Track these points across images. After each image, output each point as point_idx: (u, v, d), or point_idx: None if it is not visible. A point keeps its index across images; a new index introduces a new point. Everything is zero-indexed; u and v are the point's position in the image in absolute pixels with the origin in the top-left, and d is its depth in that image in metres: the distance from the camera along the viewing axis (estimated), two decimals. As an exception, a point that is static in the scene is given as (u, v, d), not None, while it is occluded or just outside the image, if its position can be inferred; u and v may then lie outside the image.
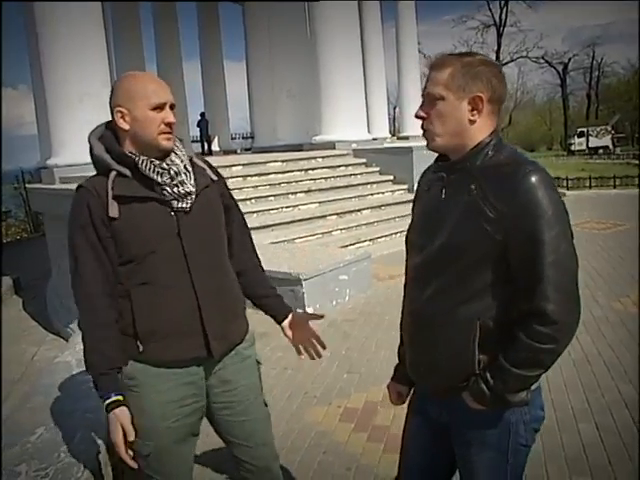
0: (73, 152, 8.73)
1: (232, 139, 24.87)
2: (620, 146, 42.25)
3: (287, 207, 9.32)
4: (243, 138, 22.27)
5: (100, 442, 2.63)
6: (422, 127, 1.74)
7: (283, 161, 10.78)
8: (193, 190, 2.01)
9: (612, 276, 6.95)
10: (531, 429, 1.72)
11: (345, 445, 3.43)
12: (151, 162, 1.95)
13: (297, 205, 9.46)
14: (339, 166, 11.41)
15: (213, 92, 22.57)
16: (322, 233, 8.95)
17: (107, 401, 1.92)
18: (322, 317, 2.37)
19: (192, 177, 2.03)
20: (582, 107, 62.03)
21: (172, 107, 1.98)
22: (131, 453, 1.94)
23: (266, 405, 2.30)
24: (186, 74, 20.87)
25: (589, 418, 3.56)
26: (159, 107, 1.93)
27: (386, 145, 13.36)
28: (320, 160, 11.40)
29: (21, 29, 12.63)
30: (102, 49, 9.24)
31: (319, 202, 9.86)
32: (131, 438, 1.93)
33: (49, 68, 8.91)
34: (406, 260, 1.88)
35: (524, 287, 1.56)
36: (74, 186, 6.69)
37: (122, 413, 1.93)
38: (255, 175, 9.97)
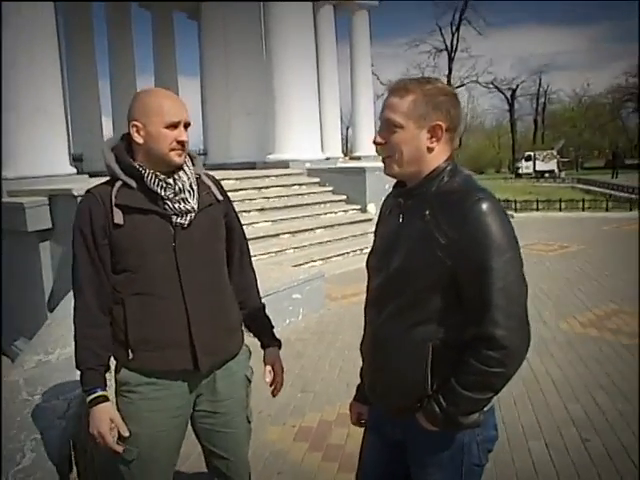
0: (23, 165, 8.55)
1: (199, 154, 24.64)
2: (565, 170, 43.42)
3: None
4: (196, 153, 22.13)
5: (50, 465, 2.55)
6: (378, 152, 1.78)
7: (237, 179, 10.75)
8: (194, 208, 2.07)
9: (559, 297, 7.13)
10: (484, 449, 1.76)
11: (300, 465, 3.42)
12: (156, 176, 2.01)
13: (250, 223, 9.42)
14: (293, 185, 11.44)
15: None
16: (275, 252, 8.93)
17: (92, 395, 2.01)
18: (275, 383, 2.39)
19: (196, 195, 2.09)
20: (529, 132, 63.60)
21: (187, 126, 2.04)
22: (116, 446, 2.01)
23: (249, 421, 2.34)
24: (139, 88, 20.66)
25: (539, 436, 3.63)
26: (173, 125, 1.99)
27: (339, 165, 13.45)
28: (274, 179, 11.40)
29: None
30: (55, 63, 9.09)
31: (272, 221, 9.86)
32: (126, 433, 2.02)
33: (2, 80, 8.71)
34: (367, 282, 1.91)
35: (474, 312, 1.60)
36: (22, 199, 6.53)
37: (110, 407, 2.02)
38: (209, 192, 9.84)
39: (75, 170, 9.34)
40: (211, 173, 2.30)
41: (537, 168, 42.63)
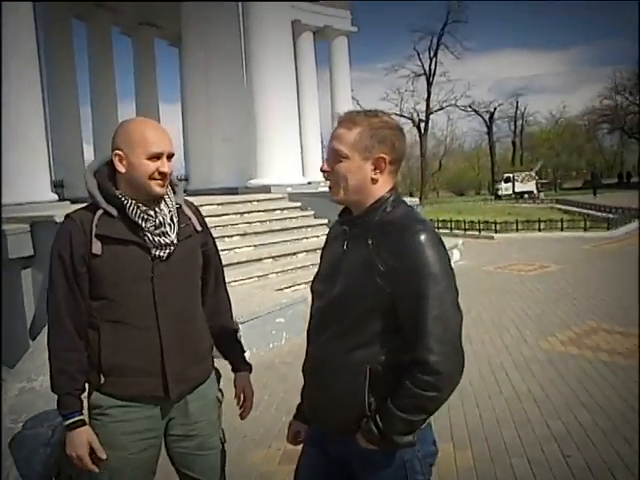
0: (4, 192, 8.46)
1: (179, 180, 24.62)
2: (544, 191, 43.94)
3: (223, 250, 9.20)
4: (177, 180, 22.11)
5: (95, 469, 2.54)
6: (326, 179, 1.85)
7: (219, 204, 10.77)
8: (174, 241, 2.09)
9: (540, 316, 7.22)
10: (427, 464, 1.81)
11: (285, 487, 3.43)
12: (138, 207, 2.03)
13: (233, 248, 9.43)
14: (274, 209, 11.47)
15: None
16: (258, 276, 8.94)
17: (70, 420, 2.01)
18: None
19: (176, 228, 2.11)
20: (508, 154, 64.46)
21: (170, 157, 2.06)
22: (94, 468, 2.01)
23: (222, 443, 2.34)
24: (121, 114, 20.68)
25: (521, 452, 3.68)
26: (156, 156, 2.01)
27: (321, 189, 13.53)
28: (255, 203, 11.44)
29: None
30: (36, 88, 9.06)
31: (255, 245, 9.86)
32: (103, 456, 2.02)
33: (1, 81, 8.69)
34: (310, 306, 1.97)
35: (410, 338, 1.66)
36: (4, 226, 6.43)
37: (88, 431, 2.03)
38: (191, 217, 9.82)
39: (57, 197, 9.31)
40: (192, 200, 2.34)
41: (516, 189, 43.13)
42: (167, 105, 28.79)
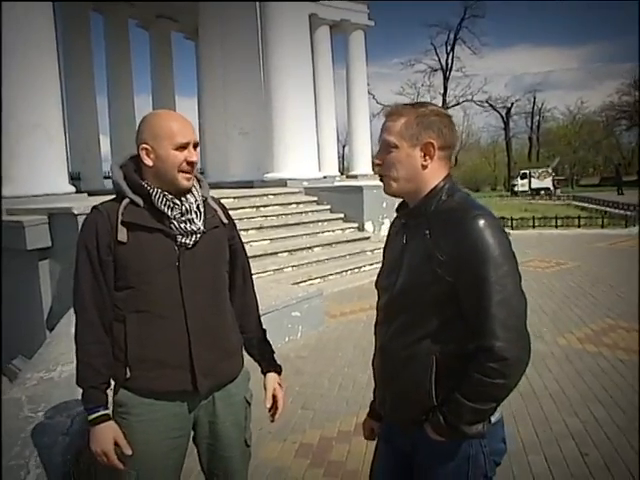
0: (20, 183, 8.56)
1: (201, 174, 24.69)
2: (560, 187, 43.58)
3: (239, 243, 9.29)
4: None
5: (120, 465, 2.56)
6: (378, 173, 1.86)
7: (235, 197, 10.79)
8: (200, 229, 2.09)
9: (556, 313, 7.16)
10: (491, 461, 1.79)
11: (301, 481, 3.44)
12: (164, 195, 2.04)
13: (249, 242, 9.44)
14: (290, 204, 11.49)
15: None
16: (273, 270, 8.96)
17: (94, 414, 2.00)
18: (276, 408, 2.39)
19: (202, 217, 2.11)
20: (524, 150, 63.99)
21: (195, 146, 2.07)
22: (120, 465, 2.00)
23: (248, 445, 2.33)
24: (137, 108, 20.79)
25: (538, 450, 3.66)
26: (182, 146, 2.02)
27: (337, 184, 13.52)
28: (272, 197, 11.46)
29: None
30: (55, 80, 9.14)
31: (270, 239, 9.89)
32: (129, 452, 2.00)
33: (1, 97, 8.76)
34: (377, 302, 1.97)
35: (474, 325, 1.65)
36: (21, 218, 6.53)
37: (113, 426, 2.02)
38: (207, 211, 9.84)
39: (74, 189, 9.37)
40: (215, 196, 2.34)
41: (533, 186, 42.77)
42: (183, 98, 28.94)
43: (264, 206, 10.97)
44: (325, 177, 13.66)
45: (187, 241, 2.06)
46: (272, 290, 6.87)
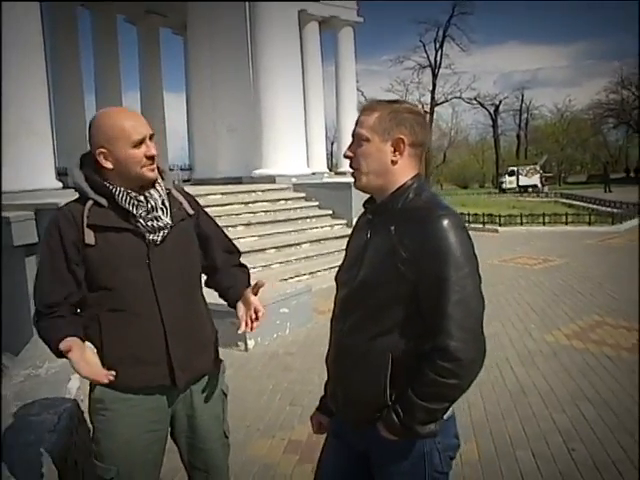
0: (8, 178, 8.46)
1: (170, 170, 24.61)
2: (548, 185, 43.77)
3: (227, 239, 9.27)
4: (181, 169, 22.04)
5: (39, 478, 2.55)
6: (350, 166, 1.86)
7: (223, 194, 10.77)
8: (168, 224, 2.07)
9: (544, 310, 7.20)
10: (446, 457, 1.80)
11: (290, 477, 3.43)
12: (127, 194, 2.01)
13: (236, 238, 9.40)
14: (279, 200, 11.48)
15: (152, 123, 21.18)
16: (262, 266, 8.94)
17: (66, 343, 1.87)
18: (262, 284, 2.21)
19: (169, 212, 2.09)
20: (512, 147, 64.14)
21: (151, 137, 2.03)
22: (106, 372, 1.87)
23: (227, 436, 2.34)
24: (126, 104, 20.65)
25: (526, 446, 3.67)
26: (140, 142, 1.98)
27: (325, 180, 13.51)
28: (260, 193, 11.44)
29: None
30: (41, 76, 9.04)
31: (259, 235, 9.88)
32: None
33: (2, 80, 8.68)
34: (335, 296, 1.97)
35: (430, 324, 1.65)
36: (8, 213, 6.42)
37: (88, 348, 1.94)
38: (195, 207, 9.79)
39: (61, 184, 9.30)
40: (192, 190, 2.31)
41: (520, 183, 42.92)
42: (172, 94, 28.81)
43: (252, 202, 10.95)
44: (314, 173, 13.65)
45: (155, 238, 2.05)
46: (260, 287, 6.84)
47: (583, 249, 12.32)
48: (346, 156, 1.85)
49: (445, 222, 1.64)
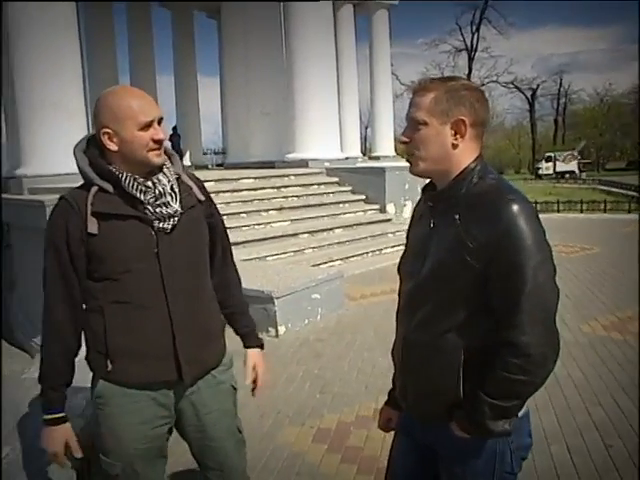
0: (42, 162, 8.58)
1: (204, 154, 24.77)
2: (586, 171, 43.05)
3: (259, 224, 9.28)
4: (215, 153, 22.20)
5: (68, 464, 2.55)
6: (406, 151, 1.75)
7: (256, 178, 10.74)
8: (177, 211, 1.97)
9: (580, 299, 7.03)
10: (518, 457, 1.72)
11: (318, 466, 3.39)
12: (134, 179, 1.91)
13: (269, 222, 9.42)
14: (312, 184, 11.41)
15: (186, 106, 22.50)
16: (294, 251, 8.91)
17: (50, 416, 1.99)
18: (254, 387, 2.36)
19: (178, 198, 1.99)
20: (549, 132, 63.26)
21: (160, 121, 1.92)
22: (67, 462, 2.06)
23: (240, 431, 2.27)
24: (159, 88, 20.80)
25: (561, 440, 3.57)
26: (147, 125, 1.88)
27: (359, 165, 13.41)
28: (293, 178, 11.39)
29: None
30: (76, 59, 9.10)
31: (291, 220, 9.84)
32: (78, 455, 2.02)
33: (20, 75, 8.73)
34: (399, 287, 1.88)
35: (501, 317, 1.57)
36: (42, 197, 6.55)
37: (66, 429, 2.02)
38: (227, 191, 9.88)
39: (95, 168, 9.38)
40: (225, 173, 2.25)
41: (557, 169, 42.35)
42: (206, 78, 28.85)
43: (285, 187, 10.90)
44: (347, 158, 13.55)
45: (165, 225, 1.95)
46: (292, 272, 6.82)
47: (622, 237, 12.02)
48: (402, 141, 1.74)
49: (515, 207, 1.54)
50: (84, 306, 2.01)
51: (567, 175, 40.85)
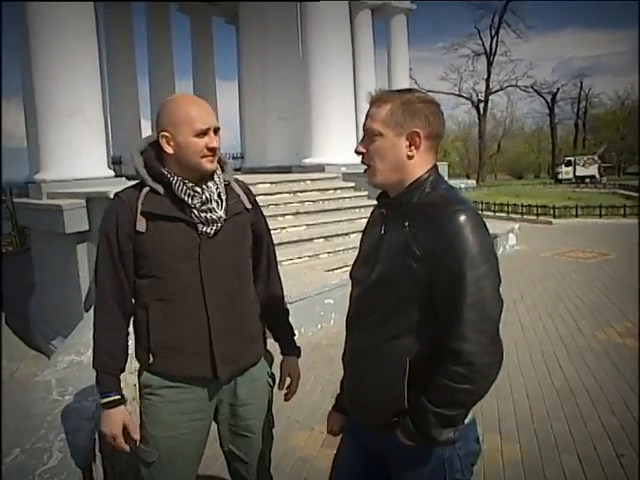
0: (61, 167, 8.70)
1: None
2: (606, 176, 42.60)
3: (275, 229, 9.23)
4: (233, 158, 22.19)
5: (76, 466, 2.58)
6: (362, 162, 1.78)
7: (272, 183, 10.76)
8: (221, 217, 2.06)
9: (596, 305, 6.99)
10: (467, 463, 1.73)
11: (326, 472, 3.35)
12: (184, 184, 2.01)
13: (285, 227, 9.44)
14: (328, 189, 11.40)
15: None
16: (309, 256, 8.91)
17: (107, 399, 2.04)
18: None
19: (224, 205, 2.08)
20: (569, 136, 62.62)
21: (216, 131, 2.02)
22: (126, 448, 2.08)
23: (271, 428, 2.35)
24: (178, 90, 20.83)
25: (572, 449, 3.55)
26: (203, 132, 1.97)
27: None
28: (309, 183, 11.39)
29: (15, 38, 12.59)
30: (94, 64, 9.20)
31: (307, 225, 9.84)
32: (137, 437, 2.07)
33: (40, 81, 8.84)
34: (350, 293, 1.91)
35: (445, 326, 1.58)
36: (60, 202, 6.62)
37: (124, 412, 2.06)
38: (244, 196, 9.82)
39: (113, 173, 9.46)
40: (242, 178, 2.31)
41: (577, 173, 41.92)
42: (224, 82, 28.96)
43: (301, 191, 10.90)
44: (364, 163, 13.53)
45: (208, 230, 2.03)
46: (305, 277, 6.85)
47: (641, 243, 11.91)
48: (358, 152, 1.77)
49: (462, 218, 1.56)
50: (133, 301, 2.11)
51: (587, 179, 40.45)
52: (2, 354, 8.41)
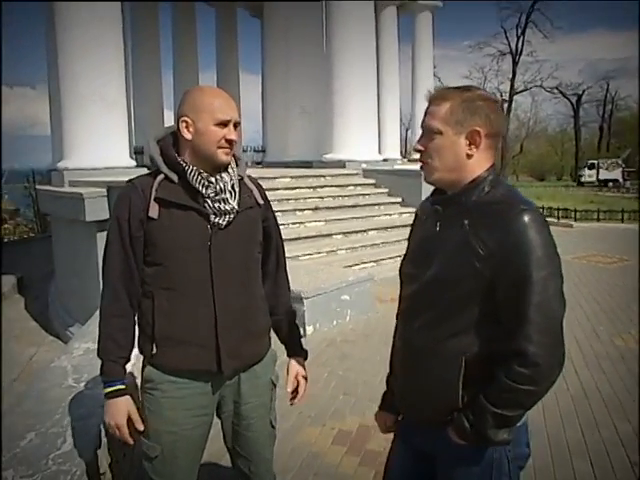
0: (83, 156, 8.78)
1: (244, 151, 24.90)
2: (630, 180, 42.10)
3: (293, 223, 9.30)
4: (255, 151, 22.21)
5: (88, 452, 2.61)
6: (420, 160, 1.76)
7: (292, 177, 10.77)
8: (234, 209, 2.06)
9: (615, 311, 6.92)
10: (515, 466, 1.72)
11: (337, 468, 3.40)
12: (199, 173, 2.01)
13: (303, 222, 9.44)
14: (348, 185, 11.39)
15: None
16: (327, 252, 8.92)
17: (111, 388, 2.04)
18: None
19: (237, 197, 2.08)
20: (594, 139, 62.00)
21: (236, 125, 2.03)
22: (130, 439, 2.06)
23: (273, 426, 2.33)
24: (202, 82, 20.94)
25: (584, 455, 3.52)
26: (223, 123, 1.99)
27: (396, 167, 13.35)
28: (329, 178, 11.39)
29: (41, 28, 12.69)
30: (119, 54, 9.25)
31: (325, 220, 9.84)
32: (140, 427, 2.06)
33: (65, 69, 8.92)
34: (400, 290, 1.89)
35: (509, 326, 1.57)
36: (82, 190, 6.69)
37: (128, 401, 2.05)
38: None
39: (135, 163, 9.52)
40: (263, 172, 2.31)
41: (601, 177, 41.54)
42: (248, 75, 29.01)
43: (321, 187, 10.91)
44: (386, 160, 13.50)
45: (220, 221, 2.03)
46: (323, 272, 6.84)
47: (663, 249, 11.77)
48: (416, 150, 1.76)
49: (527, 218, 1.55)
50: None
51: (611, 183, 40.06)
52: (17, 338, 8.52)
